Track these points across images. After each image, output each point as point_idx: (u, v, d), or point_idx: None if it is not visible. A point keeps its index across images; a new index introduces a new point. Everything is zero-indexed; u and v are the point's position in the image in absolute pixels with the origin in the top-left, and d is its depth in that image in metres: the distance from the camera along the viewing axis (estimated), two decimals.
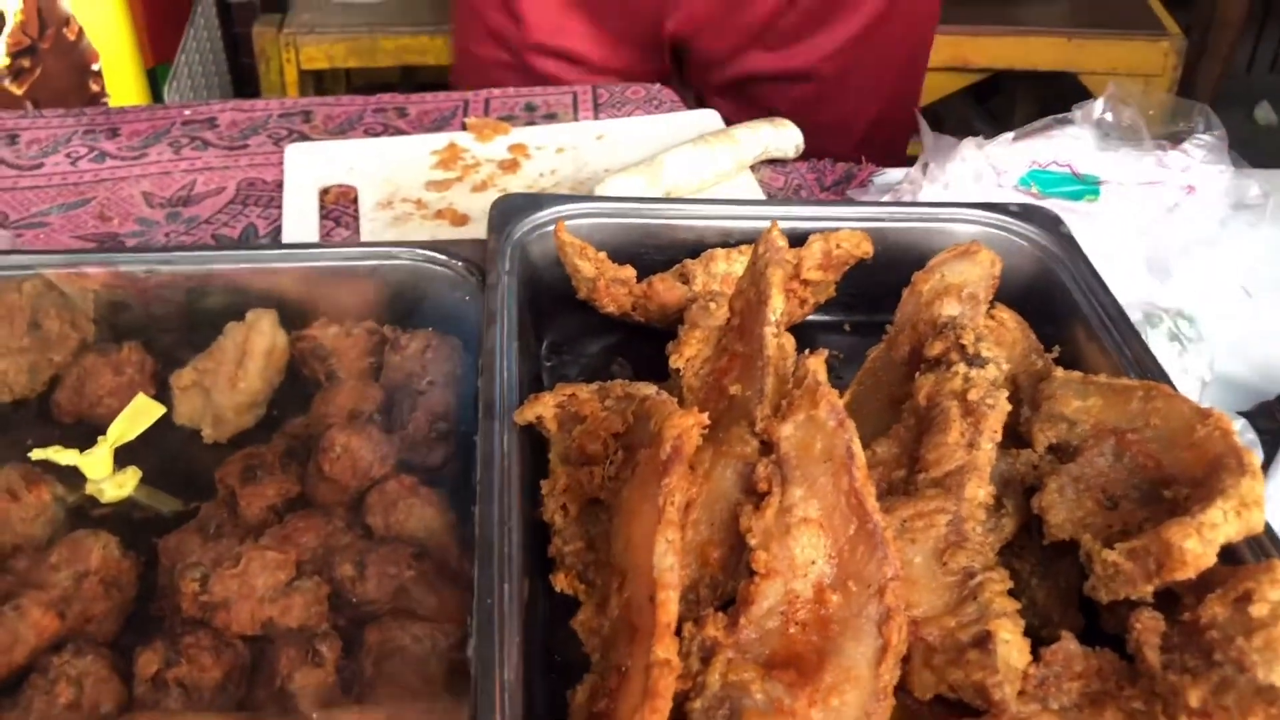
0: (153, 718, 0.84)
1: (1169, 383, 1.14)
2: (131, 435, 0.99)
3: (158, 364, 1.23)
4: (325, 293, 1.27)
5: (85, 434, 1.20)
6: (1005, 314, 1.29)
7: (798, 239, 1.29)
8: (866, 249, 1.31)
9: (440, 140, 1.84)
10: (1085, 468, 1.05)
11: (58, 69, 3.06)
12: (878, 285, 1.31)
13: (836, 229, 1.32)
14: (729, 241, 1.32)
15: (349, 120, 1.93)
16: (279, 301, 1.26)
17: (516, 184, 1.78)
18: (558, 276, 1.28)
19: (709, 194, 1.74)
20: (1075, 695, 0.88)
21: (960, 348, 1.12)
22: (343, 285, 1.27)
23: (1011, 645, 0.88)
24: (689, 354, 1.10)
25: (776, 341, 1.01)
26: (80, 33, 3.03)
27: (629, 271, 1.21)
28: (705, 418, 0.92)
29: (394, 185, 1.75)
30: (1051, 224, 1.34)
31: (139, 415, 0.99)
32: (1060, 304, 1.29)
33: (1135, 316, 1.36)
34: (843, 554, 0.91)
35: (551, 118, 1.95)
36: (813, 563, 0.90)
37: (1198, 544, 0.88)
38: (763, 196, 1.74)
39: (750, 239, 1.32)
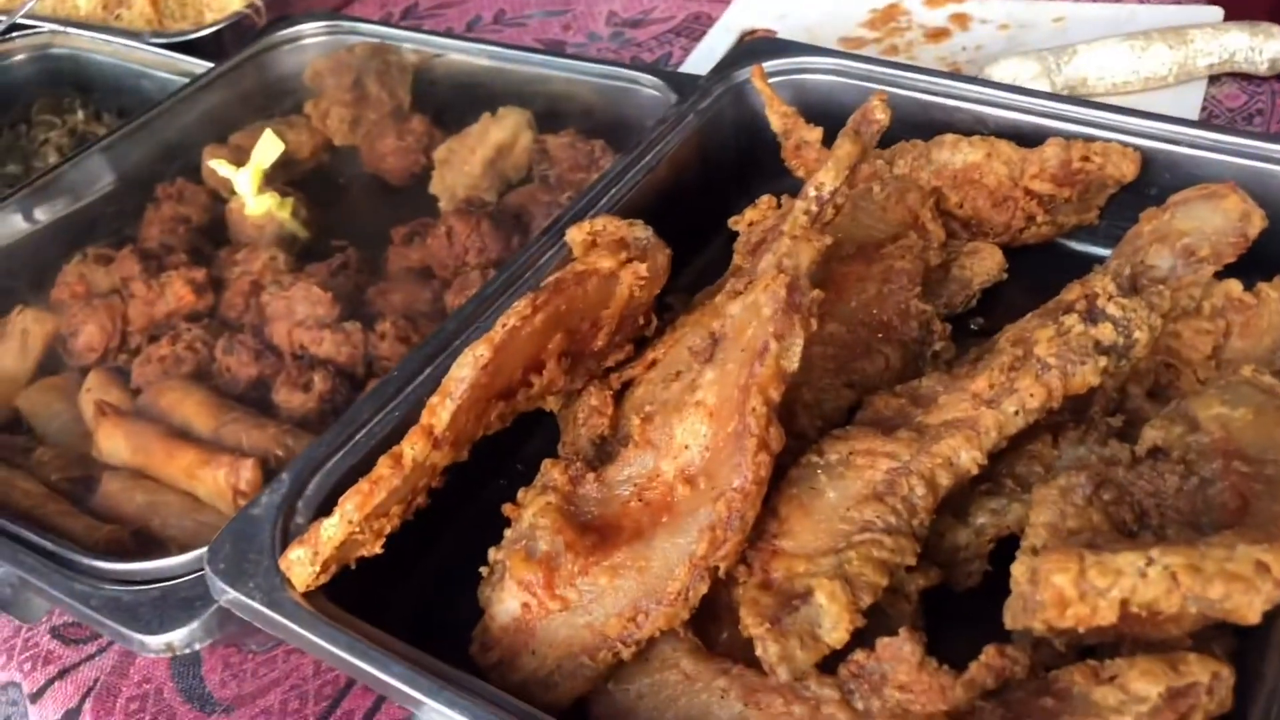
0: (167, 384, 1.04)
1: None
2: (265, 164, 1.17)
3: (445, 137, 1.39)
4: (583, 103, 1.34)
5: (379, 186, 1.43)
6: (1276, 293, 0.96)
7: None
8: (1126, 170, 1.05)
9: None
10: (1141, 478, 0.79)
11: None
12: None
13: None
14: (981, 129, 1.14)
15: None
16: (549, 105, 1.36)
17: (933, 54, 1.64)
18: None
19: (1135, 102, 1.46)
20: (888, 707, 0.71)
21: (1091, 296, 0.88)
22: (595, 99, 1.33)
23: (824, 612, 0.73)
24: (750, 218, 1.00)
25: (804, 219, 0.89)
26: None
27: (816, 133, 1.11)
28: (629, 265, 0.86)
29: (810, 36, 1.70)
30: None
31: (266, 147, 1.16)
32: None
33: None
34: (716, 448, 0.81)
35: None
36: (687, 448, 0.82)
37: (1070, 584, 0.65)
38: (1195, 115, 1.42)
39: (1008, 133, 1.13)
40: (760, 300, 0.82)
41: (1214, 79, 1.48)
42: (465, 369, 0.79)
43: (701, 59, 1.71)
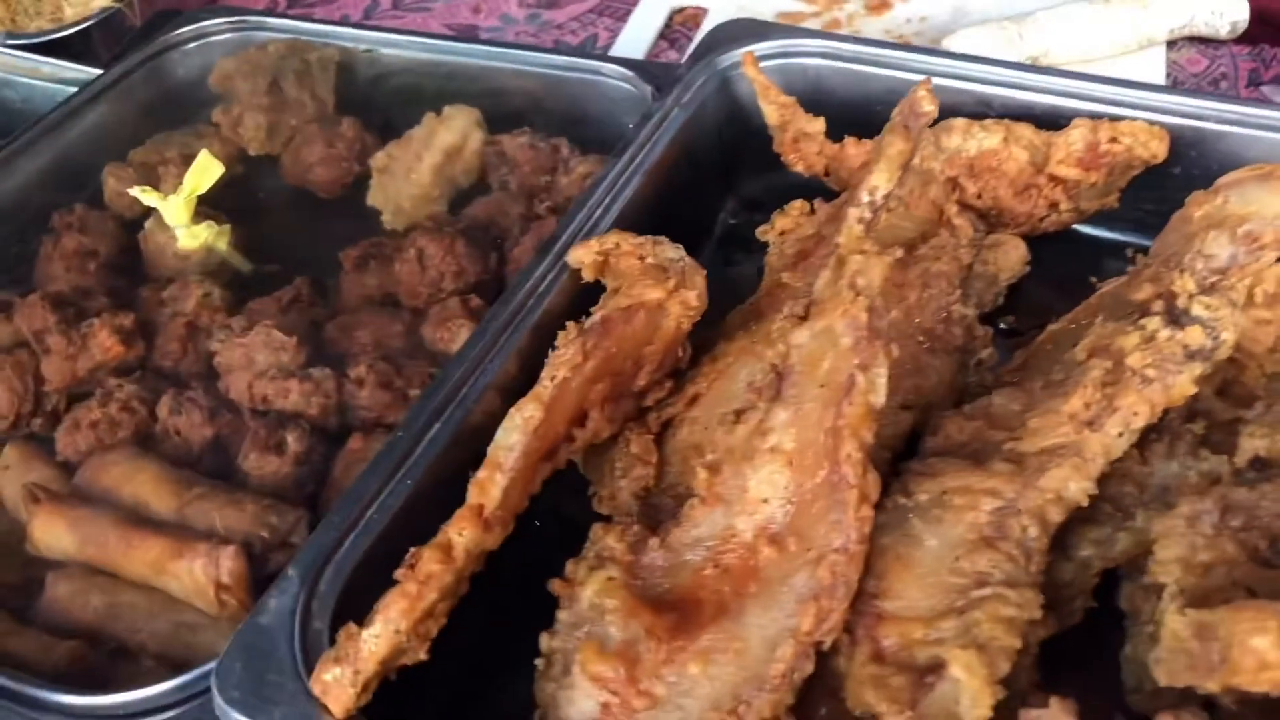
0: (108, 456, 0.88)
1: None
2: (201, 189, 1.02)
3: (379, 142, 1.24)
4: (537, 99, 1.21)
5: (306, 200, 1.27)
6: None
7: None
8: (1156, 150, 0.98)
9: None
10: (1265, 499, 0.72)
11: None
12: None
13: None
14: (988, 112, 1.06)
15: None
16: (497, 101, 1.23)
17: (877, 26, 1.56)
18: None
19: (1098, 69, 1.40)
20: None
21: (1169, 296, 0.81)
22: (551, 94, 1.20)
23: (963, 688, 0.64)
24: (781, 226, 0.90)
25: (859, 228, 0.79)
26: None
27: (818, 124, 1.01)
28: (676, 294, 0.74)
29: (744, 13, 1.60)
30: None
31: (202, 172, 1.01)
32: None
33: None
34: (802, 501, 0.71)
35: None
36: (765, 501, 0.71)
37: (1272, 647, 0.57)
38: (1161, 81, 1.38)
39: (1017, 114, 1.05)
40: (836, 328, 0.72)
41: (1171, 44, 1.44)
42: (514, 434, 0.67)
43: (631, 40, 1.60)
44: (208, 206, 1.15)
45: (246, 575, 0.79)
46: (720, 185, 1.13)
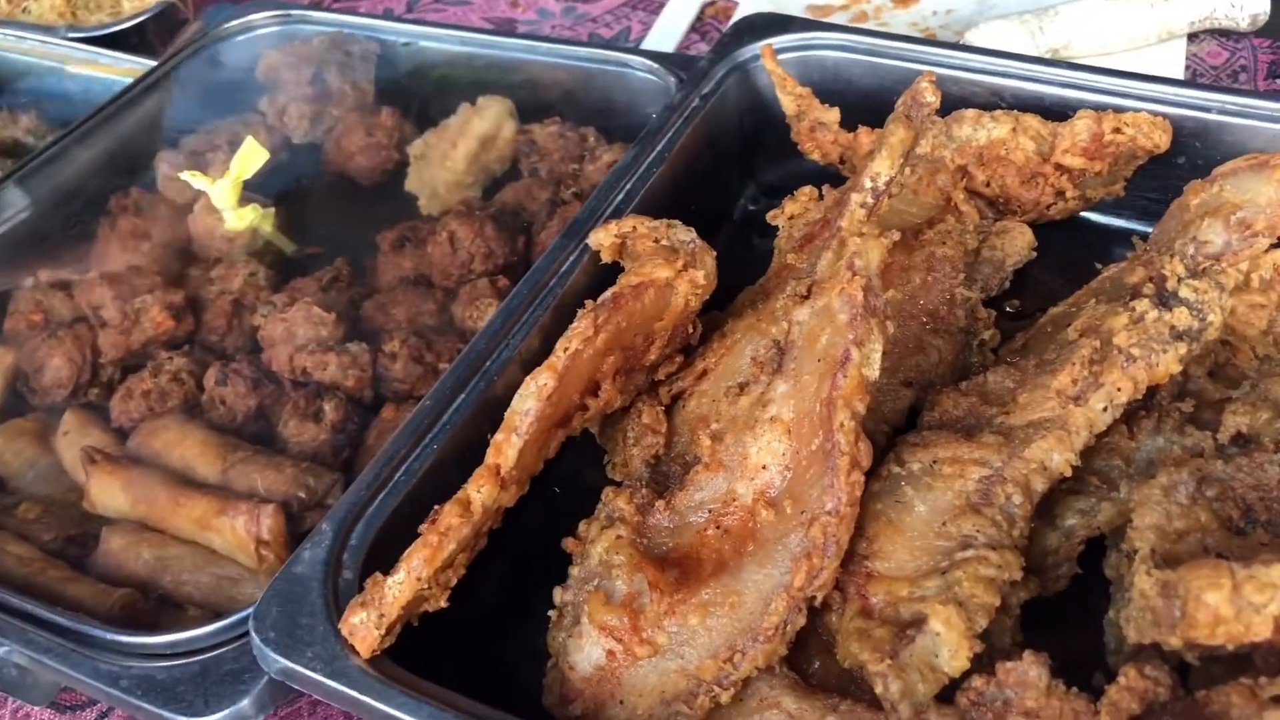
0: (159, 423, 0.94)
1: None
2: (247, 174, 1.08)
3: (417, 131, 1.30)
4: (567, 90, 1.26)
5: (347, 186, 1.33)
6: None
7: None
8: (1159, 140, 1.02)
9: None
10: (1240, 471, 0.75)
11: None
12: None
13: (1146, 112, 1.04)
14: (999, 103, 1.09)
15: None
16: (530, 92, 1.28)
17: (904, 19, 1.60)
18: None
19: (1118, 61, 1.43)
20: None
21: (1160, 279, 0.85)
22: (581, 85, 1.25)
23: (942, 641, 0.68)
24: (790, 211, 0.94)
25: (861, 213, 0.83)
26: None
27: (833, 114, 1.05)
28: (685, 273, 0.79)
29: (774, 5, 1.65)
30: None
31: (248, 157, 1.07)
32: None
33: None
34: (798, 468, 0.75)
35: None
36: (764, 468, 0.76)
37: (1225, 601, 0.61)
38: (1180, 74, 1.40)
39: (1027, 105, 1.09)
40: (834, 305, 0.76)
41: (1192, 36, 1.46)
42: (529, 400, 0.73)
43: (663, 33, 1.65)
44: (254, 191, 1.22)
45: (285, 532, 0.85)
46: (741, 172, 1.18)
